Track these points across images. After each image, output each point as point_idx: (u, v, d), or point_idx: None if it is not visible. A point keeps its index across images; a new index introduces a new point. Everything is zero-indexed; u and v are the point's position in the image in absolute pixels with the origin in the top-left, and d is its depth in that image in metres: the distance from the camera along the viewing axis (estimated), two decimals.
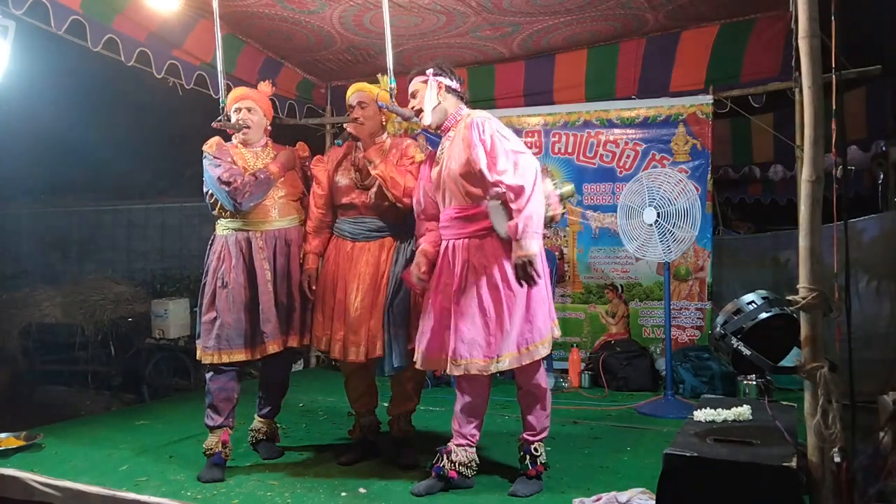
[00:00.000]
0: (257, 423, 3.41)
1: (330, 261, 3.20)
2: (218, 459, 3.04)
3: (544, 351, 2.75)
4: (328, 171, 3.23)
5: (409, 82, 2.90)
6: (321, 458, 3.27)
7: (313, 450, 3.40)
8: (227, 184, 3.06)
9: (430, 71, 2.84)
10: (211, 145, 3.20)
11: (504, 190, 2.57)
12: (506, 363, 2.67)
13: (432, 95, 2.81)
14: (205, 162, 3.16)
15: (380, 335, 3.01)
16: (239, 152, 3.24)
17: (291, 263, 3.21)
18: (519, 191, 2.56)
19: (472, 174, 2.70)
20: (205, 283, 3.16)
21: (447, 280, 2.77)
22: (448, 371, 2.71)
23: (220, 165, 3.11)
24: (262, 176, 3.13)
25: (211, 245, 3.23)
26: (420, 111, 2.85)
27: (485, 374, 2.69)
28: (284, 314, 3.17)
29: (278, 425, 3.49)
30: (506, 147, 2.64)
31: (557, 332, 2.85)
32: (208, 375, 3.13)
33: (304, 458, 3.27)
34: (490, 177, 2.61)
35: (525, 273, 2.55)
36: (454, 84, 2.87)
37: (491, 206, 2.62)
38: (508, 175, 2.58)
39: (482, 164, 2.63)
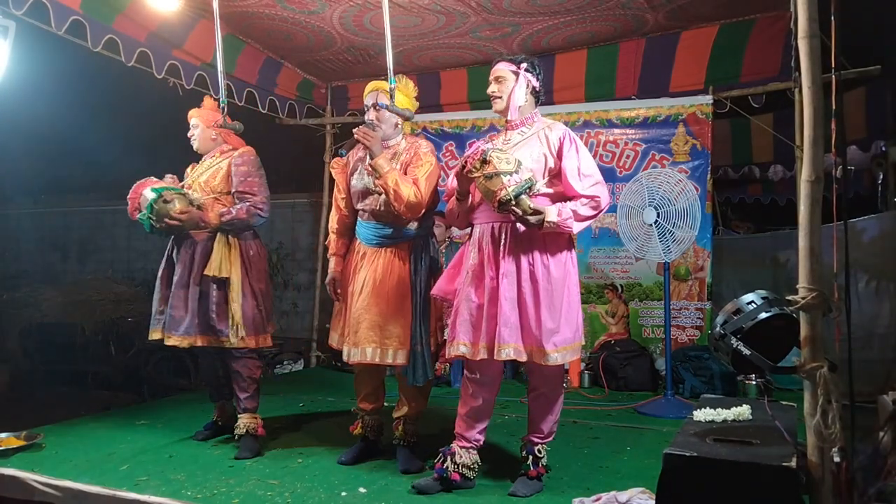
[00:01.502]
0: (238, 419, 3.44)
1: (349, 263, 3.20)
2: (209, 425, 3.63)
3: (574, 355, 2.77)
4: (345, 174, 3.21)
5: (495, 64, 2.89)
6: (321, 458, 3.26)
7: (313, 450, 3.40)
8: None
9: (523, 65, 2.83)
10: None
11: (588, 197, 2.70)
12: (556, 357, 2.65)
13: (522, 93, 2.83)
14: None
15: (407, 345, 3.00)
16: (197, 165, 3.59)
17: (195, 267, 3.41)
18: (597, 205, 2.71)
19: (542, 172, 2.73)
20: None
21: (492, 265, 2.73)
22: (496, 357, 2.66)
23: None
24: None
25: None
26: (498, 98, 2.85)
27: (524, 361, 2.69)
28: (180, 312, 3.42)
29: (259, 419, 3.47)
30: (596, 172, 2.77)
31: (583, 339, 2.86)
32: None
33: (304, 457, 3.27)
34: (578, 188, 2.71)
35: (522, 218, 2.61)
36: (538, 85, 2.88)
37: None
38: (595, 188, 2.73)
39: (573, 176, 2.72)
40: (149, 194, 3.27)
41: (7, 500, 2.89)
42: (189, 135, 3.54)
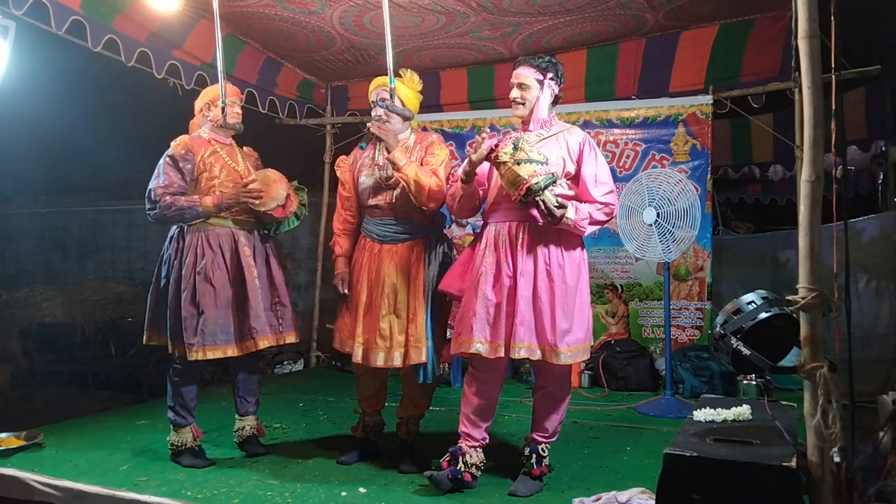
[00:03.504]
0: (240, 422, 3.39)
1: (357, 263, 3.14)
2: (201, 450, 3.20)
3: (584, 355, 2.79)
4: (352, 172, 3.19)
5: (518, 67, 2.85)
6: (321, 458, 3.26)
7: (313, 450, 3.40)
8: (151, 201, 3.07)
9: (549, 75, 2.82)
10: (178, 145, 3.17)
11: (602, 204, 2.77)
12: (567, 357, 2.67)
13: (546, 103, 2.85)
14: (162, 157, 3.16)
15: (424, 342, 2.98)
16: (218, 148, 3.28)
17: (271, 264, 3.30)
18: (609, 213, 2.80)
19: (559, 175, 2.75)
20: (179, 274, 3.10)
21: (509, 264, 2.74)
22: (512, 355, 2.68)
23: (161, 176, 3.10)
24: (186, 204, 3.08)
25: (181, 238, 3.16)
26: (521, 105, 2.83)
27: (539, 360, 2.69)
28: (267, 312, 3.23)
29: (260, 421, 3.47)
30: (610, 180, 2.85)
31: (592, 339, 2.88)
32: (176, 377, 3.18)
33: (304, 458, 3.27)
34: (594, 194, 2.76)
35: (546, 206, 2.62)
36: (559, 91, 2.89)
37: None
38: (609, 196, 2.80)
39: (591, 182, 2.77)
40: (283, 190, 3.22)
41: (7, 500, 2.89)
42: (237, 112, 3.31)
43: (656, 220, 4.15)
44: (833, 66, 2.19)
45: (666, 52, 5.07)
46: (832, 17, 2.18)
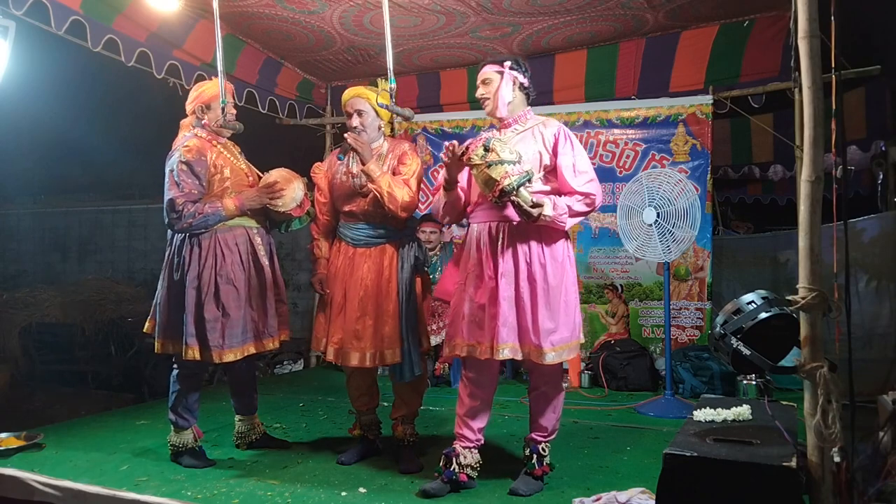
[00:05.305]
0: (245, 422, 3.40)
1: (333, 265, 3.20)
2: (201, 451, 3.19)
3: (572, 354, 2.79)
4: (328, 178, 3.23)
5: (482, 68, 2.87)
6: (321, 458, 3.26)
7: (313, 450, 3.40)
8: (175, 211, 2.98)
9: (507, 64, 2.81)
10: (190, 150, 3.07)
11: (582, 194, 2.71)
12: (553, 357, 2.67)
13: (508, 91, 2.81)
14: (175, 164, 3.05)
15: (397, 343, 3.01)
16: (221, 148, 3.23)
17: (274, 261, 3.31)
18: (591, 203, 2.73)
19: (537, 169, 2.74)
20: (197, 277, 3.04)
21: (490, 265, 2.74)
22: (496, 356, 2.68)
23: (180, 184, 3.01)
24: (210, 211, 3.03)
25: (195, 242, 3.08)
26: (487, 100, 2.83)
27: (522, 360, 2.69)
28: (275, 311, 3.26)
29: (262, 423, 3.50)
30: (590, 168, 2.79)
31: (583, 337, 2.88)
32: (180, 380, 3.15)
33: (304, 458, 3.27)
34: (574, 184, 2.72)
35: (521, 209, 2.61)
36: (526, 82, 2.87)
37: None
38: (590, 186, 2.74)
39: (568, 172, 2.74)
40: (300, 189, 3.25)
41: (7, 500, 2.89)
42: (234, 112, 3.23)
43: (656, 220, 4.15)
44: (833, 66, 2.19)
45: (666, 52, 5.07)
46: (832, 17, 2.19)
